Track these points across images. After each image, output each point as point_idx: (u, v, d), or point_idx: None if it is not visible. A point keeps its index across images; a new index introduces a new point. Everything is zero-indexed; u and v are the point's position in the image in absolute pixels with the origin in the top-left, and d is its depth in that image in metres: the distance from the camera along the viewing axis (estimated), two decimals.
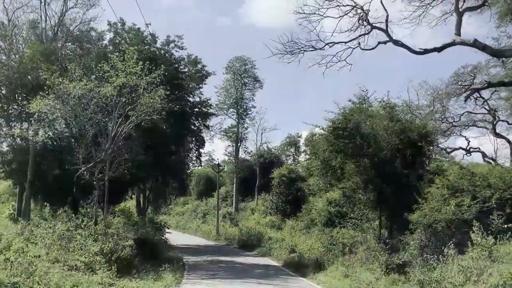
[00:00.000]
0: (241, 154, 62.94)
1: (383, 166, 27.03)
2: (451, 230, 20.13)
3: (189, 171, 44.19)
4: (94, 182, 23.53)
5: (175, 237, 43.16)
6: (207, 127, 39.56)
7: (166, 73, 27.17)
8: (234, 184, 60.36)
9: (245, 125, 62.16)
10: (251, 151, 64.64)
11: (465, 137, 50.77)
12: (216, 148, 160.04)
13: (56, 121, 23.34)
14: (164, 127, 28.28)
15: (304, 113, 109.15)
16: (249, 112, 61.77)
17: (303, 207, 42.45)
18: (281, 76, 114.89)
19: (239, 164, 61.21)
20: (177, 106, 28.16)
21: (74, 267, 16.40)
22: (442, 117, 49.32)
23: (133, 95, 23.36)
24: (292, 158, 72.80)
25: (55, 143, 27.54)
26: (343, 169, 28.23)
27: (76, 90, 22.07)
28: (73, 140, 24.30)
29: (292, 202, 45.94)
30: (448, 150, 50.59)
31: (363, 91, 29.03)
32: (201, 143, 44.30)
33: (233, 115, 61.29)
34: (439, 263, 17.62)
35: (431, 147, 31.81)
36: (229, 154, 62.24)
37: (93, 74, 23.32)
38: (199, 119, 40.85)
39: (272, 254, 33.68)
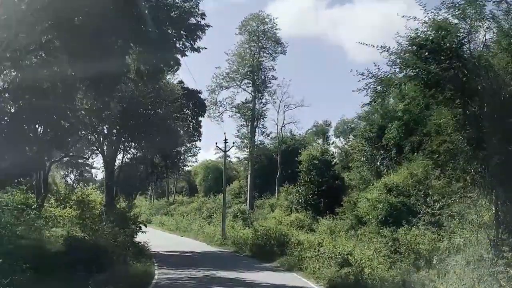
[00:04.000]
0: (258, 137, 50.45)
1: (504, 117, 16.26)
2: None
3: (182, 146, 31.16)
4: None
5: (165, 242, 34.60)
6: (197, 50, 23.77)
7: None
8: (249, 176, 47.80)
9: (263, 100, 50.45)
10: (271, 133, 52.32)
11: None
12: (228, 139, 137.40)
13: None
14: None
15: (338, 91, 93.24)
16: (269, 85, 49.91)
17: (344, 200, 32.44)
18: (309, 44, 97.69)
19: (255, 149, 48.50)
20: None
21: None
22: None
23: None
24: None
25: None
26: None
27: None
28: None
29: (327, 194, 35.52)
30: None
31: None
32: (199, 108, 31.53)
33: (248, 87, 49.12)
34: None
35: None
36: (243, 137, 49.39)
37: None
38: (183, 34, 25.16)
39: (305, 268, 22.54)
